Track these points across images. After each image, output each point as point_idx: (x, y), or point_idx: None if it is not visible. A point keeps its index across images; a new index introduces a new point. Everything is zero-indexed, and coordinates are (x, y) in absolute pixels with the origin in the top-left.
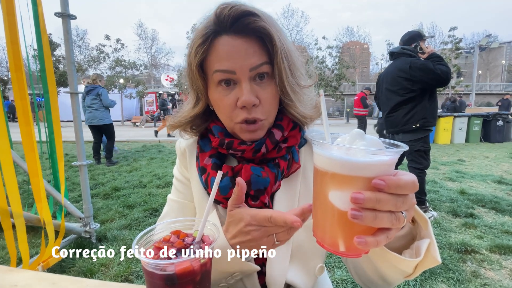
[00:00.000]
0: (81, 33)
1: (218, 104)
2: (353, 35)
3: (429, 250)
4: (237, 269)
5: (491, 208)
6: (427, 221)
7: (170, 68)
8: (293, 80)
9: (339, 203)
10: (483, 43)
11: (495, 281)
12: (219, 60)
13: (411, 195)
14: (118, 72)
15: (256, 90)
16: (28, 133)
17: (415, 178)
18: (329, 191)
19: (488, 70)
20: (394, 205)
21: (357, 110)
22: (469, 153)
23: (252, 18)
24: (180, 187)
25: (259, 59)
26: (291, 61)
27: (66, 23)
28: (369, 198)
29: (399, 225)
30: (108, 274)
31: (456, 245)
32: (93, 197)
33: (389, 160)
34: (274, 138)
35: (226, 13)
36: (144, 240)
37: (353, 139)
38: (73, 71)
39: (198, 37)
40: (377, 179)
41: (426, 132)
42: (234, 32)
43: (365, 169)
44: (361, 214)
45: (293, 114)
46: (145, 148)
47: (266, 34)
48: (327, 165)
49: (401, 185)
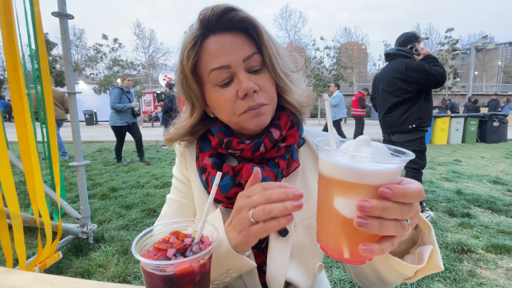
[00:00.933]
0: (78, 33)
1: (218, 102)
2: (351, 35)
3: (432, 257)
4: (232, 264)
5: (487, 208)
6: (430, 227)
7: (168, 68)
8: (283, 64)
9: (345, 210)
10: (479, 44)
11: (491, 280)
12: (212, 59)
13: (416, 203)
14: (115, 72)
15: (253, 79)
16: (25, 133)
17: (421, 186)
18: (334, 198)
19: (484, 71)
20: (400, 213)
21: (355, 111)
22: (465, 153)
23: (233, 12)
24: (180, 187)
25: (249, 50)
26: (277, 46)
27: (63, 22)
28: (375, 207)
29: (404, 232)
30: (106, 275)
31: (452, 245)
32: (91, 198)
33: (395, 168)
34: (272, 137)
35: (210, 14)
36: (144, 241)
37: (359, 146)
38: (70, 70)
39: (187, 43)
40: (384, 187)
41: (422, 133)
42: (220, 30)
43: (371, 177)
44: (367, 222)
45: (290, 102)
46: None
47: (250, 24)
48: (333, 171)
49: (407, 194)
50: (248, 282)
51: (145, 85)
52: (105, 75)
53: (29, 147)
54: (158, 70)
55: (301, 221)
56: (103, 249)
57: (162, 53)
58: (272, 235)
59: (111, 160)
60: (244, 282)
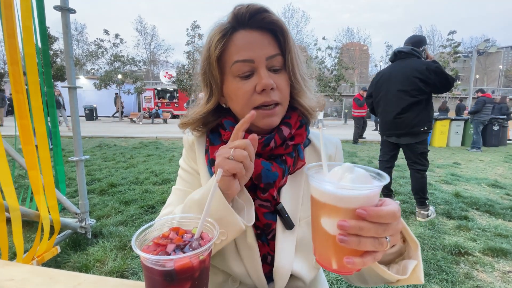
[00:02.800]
0: (79, 27)
1: (235, 93)
2: (353, 36)
3: (415, 270)
4: (223, 221)
5: (485, 211)
6: (417, 245)
7: (169, 65)
8: (302, 69)
9: (329, 228)
10: (481, 47)
11: (488, 283)
12: (238, 52)
13: (394, 222)
14: (116, 67)
15: (272, 76)
16: (26, 126)
17: (396, 208)
18: (321, 218)
19: (485, 75)
20: (375, 232)
21: (356, 112)
22: (464, 156)
23: (266, 13)
24: (187, 177)
25: (273, 50)
26: (299, 52)
27: (65, 17)
28: (353, 226)
29: (382, 249)
30: (104, 270)
31: (449, 247)
32: (89, 193)
33: (369, 193)
34: (282, 134)
35: (244, 10)
36: (143, 236)
37: (343, 172)
38: (71, 65)
39: (217, 33)
40: (360, 209)
41: (427, 135)
42: (250, 26)
43: (349, 201)
44: (347, 238)
45: (302, 105)
46: (142, 144)
47: (279, 27)
48: (319, 196)
49: (381, 215)
50: (251, 271)
51: (145, 82)
52: (106, 70)
53: (31, 139)
54: (159, 66)
55: (305, 217)
56: (101, 244)
57: (163, 49)
58: (278, 228)
59: (111, 156)
60: (247, 270)
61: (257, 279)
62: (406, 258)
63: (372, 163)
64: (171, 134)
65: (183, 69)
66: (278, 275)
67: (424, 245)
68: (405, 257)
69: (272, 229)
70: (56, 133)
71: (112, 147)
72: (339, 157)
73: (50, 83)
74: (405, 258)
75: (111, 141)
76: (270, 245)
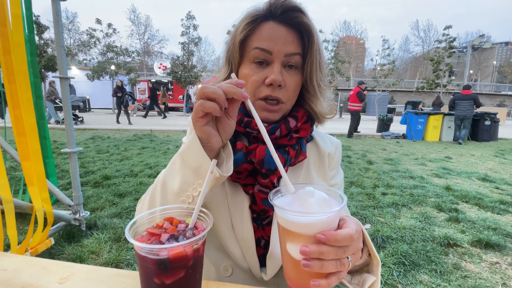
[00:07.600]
0: (71, 16)
1: (246, 79)
2: (350, 29)
3: (372, 285)
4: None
5: (475, 204)
6: (379, 262)
7: (163, 56)
8: (320, 76)
9: (294, 253)
10: (476, 43)
11: (475, 273)
12: (261, 39)
13: (354, 243)
14: (109, 58)
15: (284, 74)
16: (18, 116)
17: (354, 230)
18: (286, 243)
19: (479, 70)
20: (335, 254)
21: (352, 105)
22: (456, 150)
23: (299, 13)
24: None
25: (294, 49)
26: (321, 59)
27: (55, 4)
28: (313, 251)
29: (344, 268)
30: (98, 261)
31: (439, 239)
32: (83, 185)
33: (327, 218)
34: (288, 125)
35: (279, 4)
36: (137, 225)
37: (305, 196)
38: (62, 55)
39: (248, 17)
40: (320, 234)
41: None
42: (280, 20)
43: (309, 227)
44: (310, 263)
45: (312, 109)
46: (137, 137)
47: (308, 30)
48: (283, 223)
49: (339, 239)
50: (246, 252)
51: (139, 73)
52: (99, 61)
53: (23, 130)
54: (154, 57)
55: None
56: (95, 236)
57: (157, 40)
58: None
59: (104, 148)
60: (242, 251)
61: (251, 261)
62: (370, 271)
63: (366, 157)
64: (165, 126)
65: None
66: (272, 260)
67: (414, 236)
68: (369, 270)
69: (269, 215)
70: (44, 125)
71: (105, 139)
72: (337, 157)
73: (37, 73)
74: (369, 271)
75: (104, 133)
76: (265, 230)
